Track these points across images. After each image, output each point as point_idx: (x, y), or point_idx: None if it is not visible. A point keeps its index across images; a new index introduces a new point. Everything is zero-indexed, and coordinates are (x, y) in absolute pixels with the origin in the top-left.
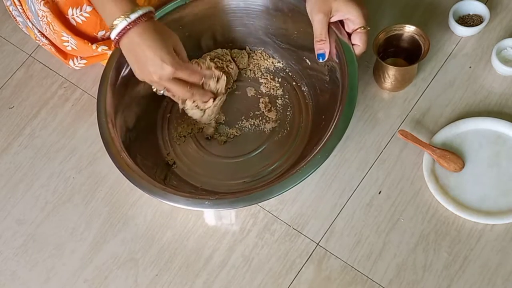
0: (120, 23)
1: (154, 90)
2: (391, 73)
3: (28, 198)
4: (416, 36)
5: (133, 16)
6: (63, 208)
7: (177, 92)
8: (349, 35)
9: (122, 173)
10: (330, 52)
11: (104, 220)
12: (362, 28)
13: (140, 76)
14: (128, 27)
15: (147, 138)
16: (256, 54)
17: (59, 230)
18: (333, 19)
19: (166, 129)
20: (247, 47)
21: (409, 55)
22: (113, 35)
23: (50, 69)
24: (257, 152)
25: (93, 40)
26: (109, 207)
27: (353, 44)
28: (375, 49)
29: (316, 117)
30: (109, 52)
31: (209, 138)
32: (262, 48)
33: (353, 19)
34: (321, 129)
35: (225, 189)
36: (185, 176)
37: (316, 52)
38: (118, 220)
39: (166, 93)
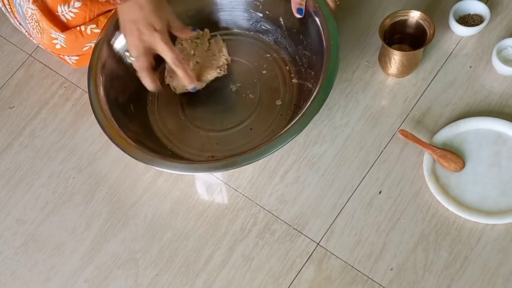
0: None
1: (127, 53)
2: (397, 58)
3: (28, 198)
4: (421, 21)
5: None
6: (63, 208)
7: (141, 67)
8: None
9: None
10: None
11: (104, 220)
12: None
13: (129, 39)
14: None
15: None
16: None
17: (59, 230)
18: None
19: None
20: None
21: (414, 41)
22: None
23: (51, 69)
24: (234, 130)
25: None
26: (109, 207)
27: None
28: (381, 34)
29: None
30: (98, 31)
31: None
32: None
33: None
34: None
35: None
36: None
37: (296, 8)
38: (118, 220)
39: (134, 62)
